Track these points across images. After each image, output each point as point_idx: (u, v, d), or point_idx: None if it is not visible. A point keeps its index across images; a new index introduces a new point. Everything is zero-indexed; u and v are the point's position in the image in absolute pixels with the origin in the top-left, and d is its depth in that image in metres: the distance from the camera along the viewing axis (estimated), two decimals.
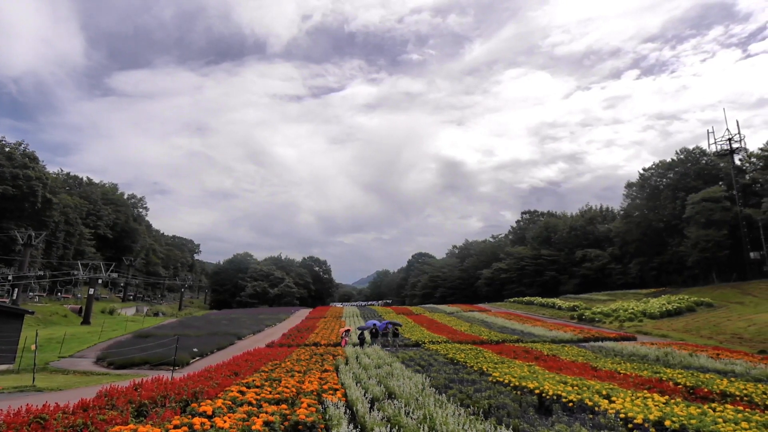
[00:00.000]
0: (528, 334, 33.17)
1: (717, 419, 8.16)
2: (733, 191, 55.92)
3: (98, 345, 31.72)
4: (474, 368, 16.65)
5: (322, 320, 47.37)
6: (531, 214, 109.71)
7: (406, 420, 8.39)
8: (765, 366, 16.45)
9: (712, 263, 56.03)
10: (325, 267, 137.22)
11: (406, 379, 12.79)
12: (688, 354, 20.16)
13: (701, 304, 40.54)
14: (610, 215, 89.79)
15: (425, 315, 51.57)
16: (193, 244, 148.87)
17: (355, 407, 10.07)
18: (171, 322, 48.96)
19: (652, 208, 68.31)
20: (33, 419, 7.23)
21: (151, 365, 24.00)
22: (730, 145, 58.66)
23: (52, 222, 68.05)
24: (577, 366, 17.09)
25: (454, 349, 23.94)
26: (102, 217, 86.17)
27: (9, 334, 24.78)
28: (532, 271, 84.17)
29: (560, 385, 12.07)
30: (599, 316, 42.34)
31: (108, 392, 9.98)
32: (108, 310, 59.65)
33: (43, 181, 65.79)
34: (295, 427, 8.02)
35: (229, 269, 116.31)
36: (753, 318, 32.24)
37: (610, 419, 8.69)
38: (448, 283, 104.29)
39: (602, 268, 75.54)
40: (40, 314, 46.04)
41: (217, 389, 11.38)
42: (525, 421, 9.03)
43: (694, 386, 12.79)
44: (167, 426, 7.17)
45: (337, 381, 13.48)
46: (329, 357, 20.49)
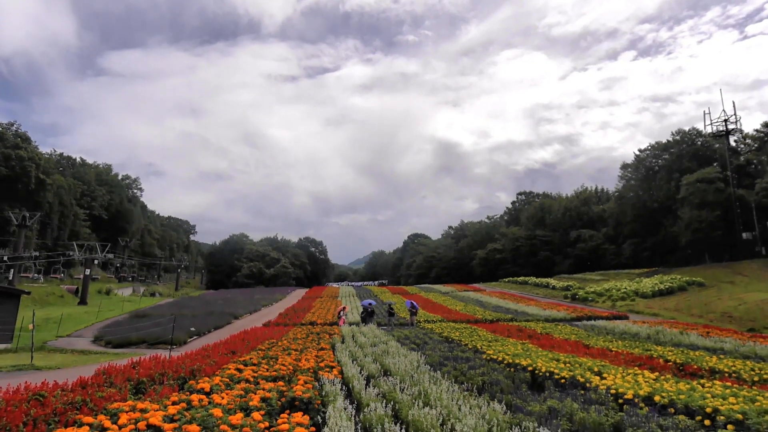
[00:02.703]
0: (522, 313, 33.54)
1: (705, 394, 8.34)
2: (727, 172, 56.13)
3: (95, 325, 31.85)
4: (468, 346, 16.87)
5: (318, 300, 47.68)
6: (526, 195, 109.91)
7: (401, 396, 8.53)
8: (753, 343, 16.75)
9: (704, 244, 56.53)
10: (321, 248, 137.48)
11: (401, 357, 12.95)
12: (678, 332, 20.48)
13: (693, 284, 41.04)
14: (604, 196, 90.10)
15: (420, 295, 51.99)
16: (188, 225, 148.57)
17: (351, 384, 10.22)
18: (167, 302, 49.16)
19: (647, 189, 68.56)
20: (32, 396, 7.30)
21: (149, 344, 24.15)
22: (726, 127, 58.67)
23: (46, 203, 67.61)
24: (570, 344, 17.34)
25: (449, 327, 24.21)
26: (96, 198, 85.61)
27: (6, 314, 24.84)
28: (526, 251, 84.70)
29: (553, 362, 12.26)
30: (592, 296, 42.81)
31: (106, 370, 10.07)
32: (104, 291, 59.73)
33: (36, 161, 65.16)
34: (292, 403, 8.14)
35: (225, 250, 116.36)
36: (743, 297, 32.69)
37: (601, 395, 8.86)
38: (443, 264, 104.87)
39: (596, 248, 76.11)
40: (37, 295, 46.05)
41: (214, 367, 11.50)
42: (518, 397, 9.20)
43: (684, 363, 13.03)
44: (166, 402, 7.26)
45: (333, 359, 13.64)
46: (325, 336, 20.69)
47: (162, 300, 55.15)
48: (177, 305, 43.61)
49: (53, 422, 6.29)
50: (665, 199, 63.87)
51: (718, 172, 56.40)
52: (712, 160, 61.88)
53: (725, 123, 58.78)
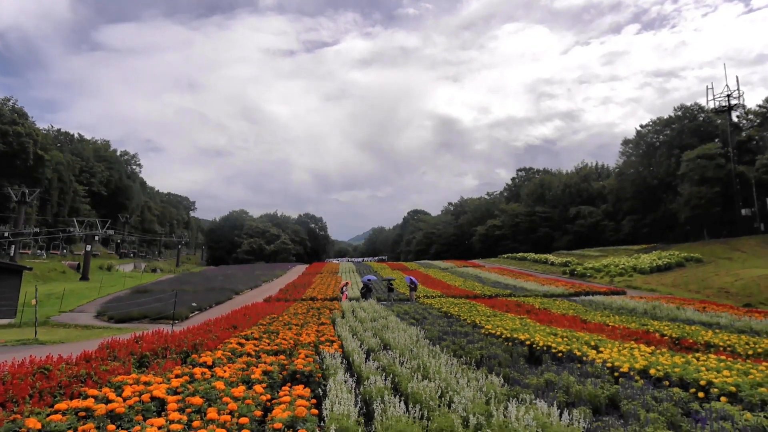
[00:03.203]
0: (520, 288, 33.81)
1: (700, 368, 8.47)
2: (728, 148, 55.83)
3: (97, 300, 32.14)
4: (467, 321, 17.06)
5: (318, 276, 48.00)
6: (526, 171, 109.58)
7: (400, 369, 8.66)
8: (749, 318, 16.94)
9: (703, 220, 56.64)
10: (320, 224, 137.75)
11: (400, 332, 13.11)
12: (675, 307, 20.68)
13: (690, 260, 41.27)
14: (605, 172, 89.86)
15: (420, 270, 52.30)
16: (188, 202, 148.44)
17: (351, 358, 10.36)
18: (168, 278, 49.50)
19: (647, 166, 68.32)
20: (37, 370, 7.41)
21: (151, 319, 24.40)
22: (729, 102, 58.13)
23: (45, 179, 67.40)
24: (568, 319, 17.53)
25: (448, 303, 24.44)
26: (95, 174, 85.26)
27: (8, 290, 25.03)
28: (526, 227, 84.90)
29: (550, 336, 12.42)
30: (590, 272, 43.10)
31: (109, 344, 10.19)
32: (106, 267, 60.09)
33: (33, 137, 64.69)
34: (293, 376, 8.27)
35: (225, 226, 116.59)
36: (740, 273, 32.91)
37: (598, 368, 9.00)
38: (443, 240, 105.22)
39: (595, 225, 76.27)
40: (39, 271, 46.32)
41: (216, 341, 11.65)
42: (515, 370, 9.34)
43: (680, 337, 13.20)
44: (169, 376, 7.37)
45: (333, 333, 13.80)
46: (326, 311, 20.88)
47: (163, 276, 55.52)
48: (178, 281, 43.92)
49: (58, 394, 6.40)
50: (665, 175, 63.69)
51: (719, 148, 56.10)
52: (714, 136, 61.48)
53: (728, 98, 58.20)
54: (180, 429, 4.81)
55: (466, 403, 6.21)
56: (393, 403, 5.96)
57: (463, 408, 6.07)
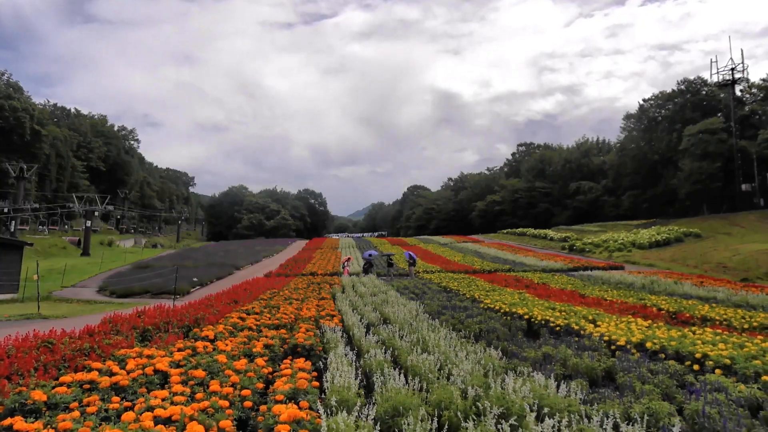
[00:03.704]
0: (519, 263, 34.00)
1: (696, 341, 8.58)
2: (730, 123, 55.41)
3: (99, 275, 32.33)
4: (466, 296, 17.21)
5: (318, 251, 48.21)
6: (527, 146, 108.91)
7: (400, 343, 8.77)
8: (746, 293, 17.08)
9: (703, 195, 56.59)
10: (320, 199, 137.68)
11: (400, 306, 13.23)
12: (673, 282, 20.84)
13: (689, 235, 41.40)
14: (605, 147, 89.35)
15: (419, 246, 52.52)
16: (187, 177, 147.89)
17: (352, 332, 10.48)
18: (169, 254, 49.72)
19: (649, 140, 67.90)
20: (41, 343, 7.50)
21: (152, 294, 24.61)
22: (732, 75, 57.44)
23: (43, 154, 66.97)
24: (566, 293, 17.68)
25: (448, 278, 24.61)
26: (93, 149, 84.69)
27: (10, 266, 25.17)
28: (525, 203, 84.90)
29: (548, 311, 12.55)
30: (589, 247, 43.28)
31: (112, 319, 10.29)
32: (106, 242, 60.26)
33: (29, 112, 64.03)
34: (294, 349, 8.38)
35: (225, 202, 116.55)
36: (738, 248, 33.06)
37: (595, 342, 9.12)
38: (442, 215, 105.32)
39: (595, 200, 76.26)
40: (40, 246, 46.47)
41: (217, 316, 11.76)
42: (513, 344, 9.46)
43: (677, 311, 13.34)
44: (171, 349, 7.47)
45: (334, 308, 13.94)
46: (326, 286, 21.05)
47: (164, 251, 55.76)
48: (179, 256, 44.12)
49: (63, 368, 6.49)
50: (667, 150, 63.35)
51: (721, 123, 55.66)
52: (717, 110, 60.92)
53: (732, 72, 57.50)
54: (183, 401, 4.90)
55: (465, 375, 6.30)
56: (393, 376, 6.05)
57: (462, 380, 6.16)
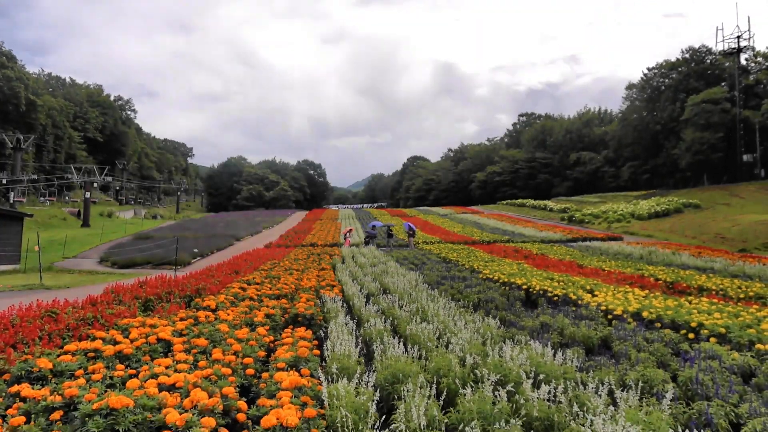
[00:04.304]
0: (519, 234, 34.14)
1: (692, 310, 8.69)
2: (734, 92, 54.77)
3: (100, 246, 32.46)
4: (465, 266, 17.33)
5: (318, 222, 48.32)
6: (528, 116, 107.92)
7: (399, 312, 8.88)
8: (743, 263, 17.21)
9: (704, 166, 56.39)
10: (319, 170, 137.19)
11: (400, 276, 13.34)
12: (670, 252, 20.97)
13: (689, 206, 41.45)
14: (607, 118, 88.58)
15: (419, 217, 52.62)
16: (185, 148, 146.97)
17: (352, 302, 10.60)
18: (169, 225, 49.83)
19: (651, 110, 67.24)
20: (45, 313, 7.59)
21: (153, 265, 24.77)
22: (738, 43, 56.46)
23: (39, 125, 66.33)
24: (564, 264, 17.80)
25: (447, 248, 24.74)
26: (89, 119, 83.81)
27: (11, 237, 25.26)
28: (525, 174, 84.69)
29: (547, 281, 12.66)
30: (589, 218, 43.38)
31: (114, 289, 10.38)
32: (106, 214, 60.32)
33: (24, 81, 63.12)
34: (295, 319, 8.49)
35: (224, 173, 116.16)
36: (737, 219, 33.14)
37: (592, 311, 9.23)
38: (442, 186, 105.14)
39: (595, 171, 76.07)
40: (39, 218, 46.51)
41: (219, 286, 11.87)
42: (512, 313, 9.59)
43: (674, 281, 13.46)
44: (174, 319, 7.56)
45: (334, 278, 14.06)
46: (326, 256, 21.17)
47: (164, 222, 55.87)
48: (179, 227, 44.23)
49: (67, 336, 6.58)
50: (669, 120, 62.80)
51: (724, 93, 55.03)
52: (721, 79, 60.10)
53: (737, 40, 56.50)
54: (187, 369, 4.98)
55: (463, 344, 6.40)
56: (392, 344, 6.14)
57: (460, 348, 6.26)
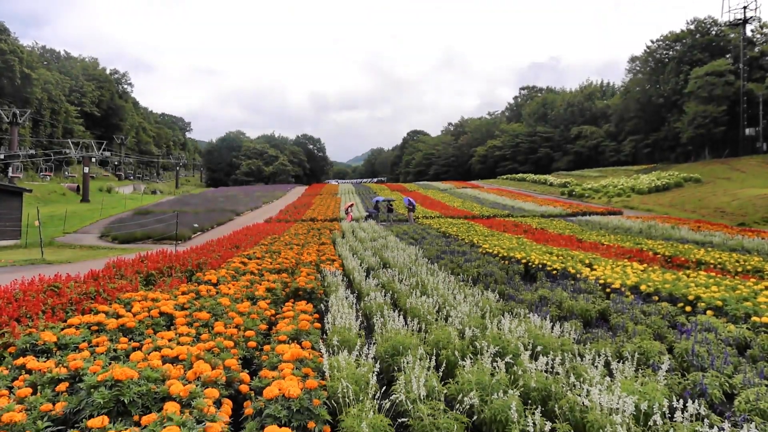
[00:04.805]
0: (518, 209, 34.16)
1: (689, 284, 8.75)
2: (739, 64, 54.00)
3: (100, 222, 32.51)
4: (465, 241, 17.39)
5: (318, 197, 48.29)
6: (529, 90, 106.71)
7: (399, 286, 8.95)
8: (742, 237, 17.27)
9: (706, 140, 56.03)
10: (319, 145, 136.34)
11: (400, 251, 13.39)
12: (670, 227, 21.02)
13: (689, 180, 41.37)
14: (609, 91, 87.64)
15: (419, 192, 52.55)
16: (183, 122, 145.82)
17: (352, 276, 10.67)
18: (169, 200, 49.81)
19: (654, 83, 66.39)
20: (47, 287, 7.64)
21: (154, 240, 24.86)
22: (744, 14, 55.43)
23: (35, 99, 65.58)
24: (564, 238, 17.86)
25: (447, 223, 24.80)
26: (86, 93, 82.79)
27: (11, 212, 25.26)
28: (526, 148, 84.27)
29: (546, 255, 12.71)
30: (589, 192, 43.34)
31: (116, 264, 10.43)
32: (105, 189, 60.22)
33: (18, 55, 62.08)
34: (296, 293, 8.56)
35: (222, 148, 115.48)
36: (737, 193, 33.11)
37: (590, 285, 9.30)
38: (442, 161, 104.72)
39: (596, 145, 75.66)
40: (39, 193, 46.45)
41: (219, 261, 11.93)
42: (511, 287, 9.66)
43: (672, 255, 13.52)
44: (175, 293, 7.62)
45: (334, 253, 14.12)
46: (326, 231, 21.23)
47: (163, 197, 55.83)
48: (179, 202, 44.22)
49: (70, 310, 6.64)
50: (672, 93, 62.08)
51: (729, 65, 54.23)
52: (725, 51, 59.17)
53: (744, 10, 55.43)
54: (189, 342, 5.04)
55: (462, 317, 6.46)
56: (392, 317, 6.20)
57: (460, 321, 6.33)
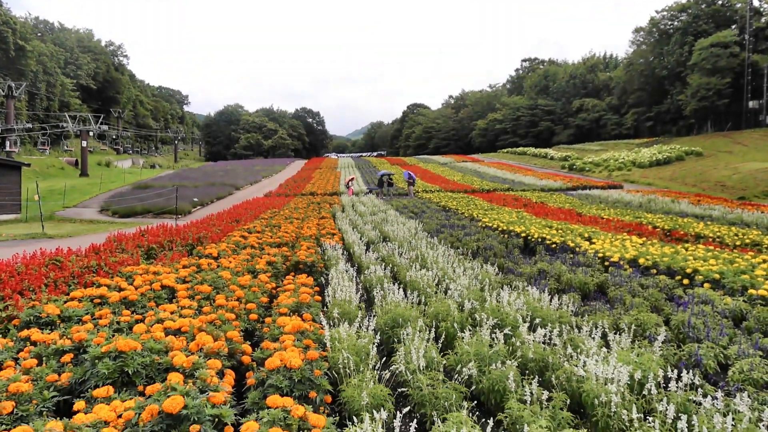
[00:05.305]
0: (518, 183, 34.10)
1: (687, 257, 8.80)
2: (744, 35, 53.05)
3: (99, 196, 32.49)
4: (465, 215, 17.41)
5: (317, 171, 48.13)
6: (531, 61, 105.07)
7: (399, 260, 9.00)
8: (741, 211, 17.28)
9: (709, 112, 55.48)
10: (318, 118, 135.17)
11: (399, 225, 13.42)
12: (670, 200, 21.01)
13: (690, 154, 41.14)
14: (613, 63, 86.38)
15: (419, 165, 52.34)
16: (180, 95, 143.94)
17: (352, 249, 10.72)
18: (168, 174, 49.65)
19: (658, 55, 65.37)
20: (49, 261, 7.68)
21: (154, 214, 24.89)
22: None
23: (30, 72, 64.65)
24: (563, 212, 17.87)
25: (447, 197, 24.78)
26: (81, 66, 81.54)
27: (10, 186, 25.23)
28: (527, 121, 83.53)
29: (545, 229, 12.74)
30: (589, 166, 43.18)
31: (117, 237, 10.47)
32: (104, 163, 59.95)
33: (11, 26, 60.87)
34: (296, 266, 8.61)
35: (221, 121, 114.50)
36: (739, 167, 32.99)
37: (589, 258, 9.35)
38: (442, 134, 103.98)
39: (598, 118, 75.00)
40: (37, 167, 46.26)
41: (220, 234, 11.96)
42: (510, 261, 9.72)
43: (672, 229, 13.56)
44: (177, 266, 7.66)
45: (334, 227, 14.15)
46: (326, 205, 21.24)
47: (162, 172, 55.63)
48: (178, 177, 44.09)
49: (72, 284, 6.70)
50: (676, 65, 61.18)
51: (734, 35, 53.27)
52: (731, 22, 58.05)
53: None
54: (191, 314, 5.10)
55: (462, 290, 6.52)
56: (392, 290, 6.26)
57: (459, 294, 6.39)
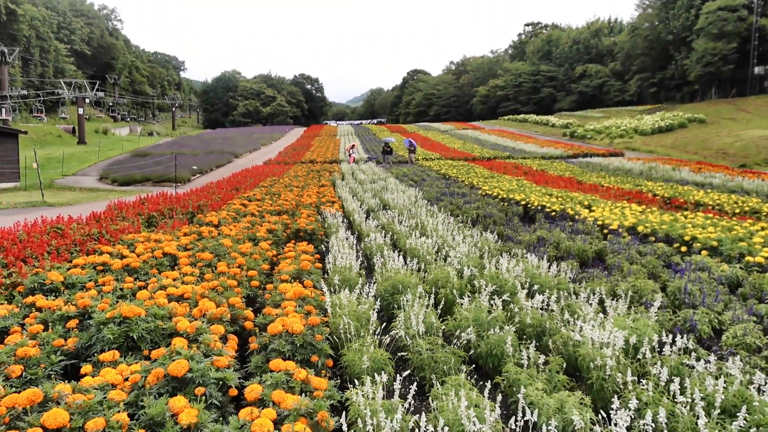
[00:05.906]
0: (519, 150, 33.90)
1: (686, 224, 8.83)
2: None
3: (98, 164, 32.37)
4: (465, 183, 17.39)
5: (317, 139, 47.78)
6: (533, 26, 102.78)
7: (399, 227, 9.04)
8: (742, 179, 17.24)
9: (713, 78, 54.62)
10: (317, 85, 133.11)
11: (399, 193, 13.42)
12: (671, 168, 20.94)
13: (693, 121, 40.75)
14: (617, 27, 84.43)
15: (419, 133, 51.89)
16: (177, 61, 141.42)
17: (352, 217, 10.76)
18: (166, 142, 49.30)
19: (664, 19, 63.84)
20: (51, 229, 7.72)
21: (153, 182, 24.84)
22: None
23: (23, 37, 63.37)
24: (564, 180, 17.84)
25: (447, 165, 24.69)
26: (75, 30, 79.81)
27: (8, 154, 25.06)
28: (529, 88, 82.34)
29: (545, 197, 12.75)
30: (591, 133, 42.83)
31: (117, 206, 10.49)
32: (101, 131, 59.42)
33: None
34: (297, 234, 8.65)
35: (218, 88, 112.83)
36: (741, 134, 32.72)
37: (588, 226, 9.39)
38: (443, 101, 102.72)
39: (601, 85, 73.92)
40: (34, 135, 45.89)
41: (220, 203, 11.98)
42: (509, 228, 9.76)
43: (671, 197, 13.56)
44: (178, 234, 7.71)
45: (334, 195, 14.15)
46: (326, 173, 21.18)
47: (160, 139, 55.21)
48: (176, 144, 43.78)
49: (74, 251, 6.75)
50: (682, 29, 59.82)
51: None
52: None
53: None
54: (193, 281, 5.15)
55: (461, 257, 6.57)
56: (392, 258, 6.31)
57: (458, 261, 6.45)
